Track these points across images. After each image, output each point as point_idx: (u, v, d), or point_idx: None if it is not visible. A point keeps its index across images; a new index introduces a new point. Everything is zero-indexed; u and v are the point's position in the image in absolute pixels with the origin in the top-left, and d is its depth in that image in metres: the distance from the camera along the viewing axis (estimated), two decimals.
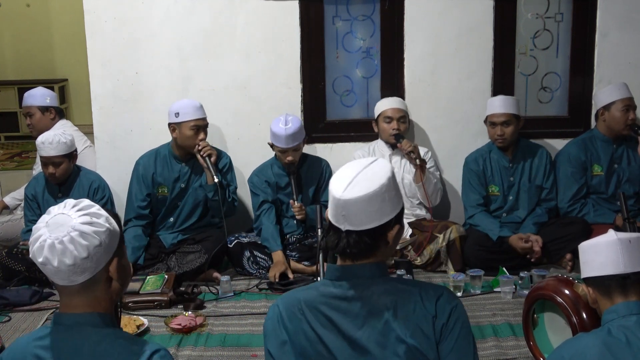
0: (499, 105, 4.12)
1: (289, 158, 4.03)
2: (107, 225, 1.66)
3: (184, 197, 4.14)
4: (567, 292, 2.52)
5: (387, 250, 1.82)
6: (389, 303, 1.75)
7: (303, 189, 4.17)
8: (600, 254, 2.00)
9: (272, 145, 4.11)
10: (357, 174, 1.76)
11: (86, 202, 1.69)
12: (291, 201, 4.04)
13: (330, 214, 1.80)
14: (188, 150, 4.08)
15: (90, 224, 1.63)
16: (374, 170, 1.78)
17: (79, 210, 1.65)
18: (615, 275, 1.96)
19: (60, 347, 1.63)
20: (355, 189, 1.74)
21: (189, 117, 4.02)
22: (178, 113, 4.03)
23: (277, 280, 3.82)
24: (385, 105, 4.24)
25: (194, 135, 4.02)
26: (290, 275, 3.90)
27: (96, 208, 1.69)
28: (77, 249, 1.60)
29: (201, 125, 4.04)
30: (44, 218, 1.65)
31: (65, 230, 1.60)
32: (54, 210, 1.66)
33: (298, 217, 4.03)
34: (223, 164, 4.16)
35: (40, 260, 1.61)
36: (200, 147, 3.99)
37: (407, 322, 1.73)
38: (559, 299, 2.53)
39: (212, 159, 3.99)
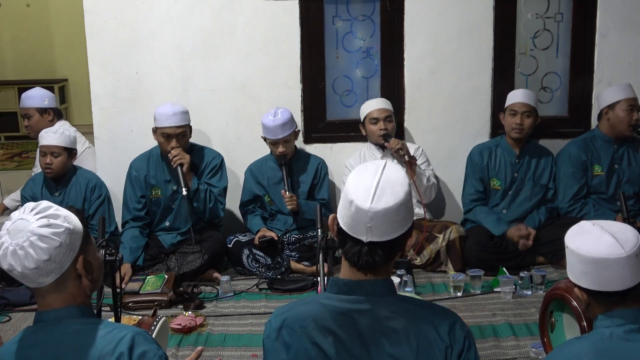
0: (522, 95, 4.16)
1: (280, 149, 4.06)
2: (66, 224, 1.67)
3: (176, 199, 4.12)
4: None
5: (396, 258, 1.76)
6: (399, 324, 1.67)
7: (296, 183, 4.19)
8: (607, 270, 1.84)
9: (265, 139, 4.15)
10: (378, 182, 1.65)
11: (45, 204, 1.70)
12: (282, 191, 4.05)
13: (347, 224, 1.68)
14: None
15: (48, 226, 1.64)
16: (393, 176, 1.68)
17: (37, 213, 1.67)
18: (620, 290, 1.85)
19: (44, 343, 1.67)
20: (383, 199, 1.63)
21: (160, 124, 3.98)
22: (155, 118, 4.02)
23: (258, 242, 3.99)
24: (370, 107, 4.24)
25: (165, 142, 3.99)
26: (273, 235, 4.02)
27: (54, 209, 1.69)
28: (37, 252, 1.62)
29: (171, 134, 3.96)
30: (6, 224, 1.68)
31: (24, 236, 1.63)
32: (15, 215, 1.69)
33: (289, 207, 4.04)
34: (212, 165, 4.13)
35: (5, 267, 1.65)
36: (170, 157, 3.95)
37: (418, 346, 1.65)
38: (573, 303, 2.51)
39: (184, 168, 3.93)
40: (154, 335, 2.22)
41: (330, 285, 1.75)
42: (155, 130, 4.03)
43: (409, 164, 4.02)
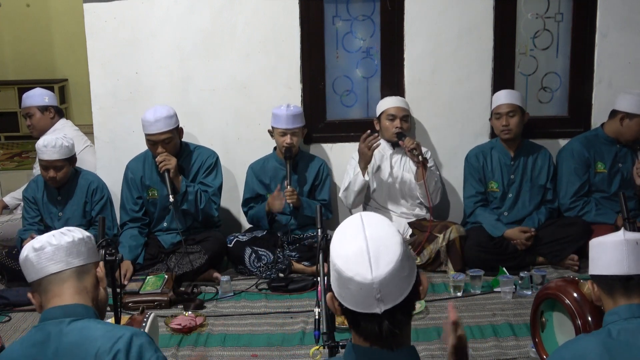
0: (504, 97, 4.16)
1: (287, 141, 4.07)
2: (89, 234, 1.92)
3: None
4: (574, 293, 2.51)
5: None
6: None
7: (298, 183, 4.20)
8: (606, 252, 1.99)
9: (271, 133, 4.18)
10: (367, 245, 1.46)
11: None
12: (286, 182, 4.05)
13: (353, 303, 1.47)
14: None
15: (74, 228, 1.92)
16: (378, 231, 1.49)
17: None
18: (619, 275, 1.95)
19: (49, 341, 1.73)
20: (382, 263, 1.43)
21: (144, 131, 3.99)
22: (142, 124, 4.01)
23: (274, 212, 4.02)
24: (389, 103, 4.25)
25: (152, 148, 4.01)
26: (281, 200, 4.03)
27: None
28: (74, 234, 1.86)
29: (156, 141, 3.95)
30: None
31: (56, 230, 1.87)
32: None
33: (289, 200, 4.03)
34: (208, 165, 4.13)
35: (38, 245, 1.80)
36: (157, 163, 3.95)
37: None
38: (566, 301, 2.52)
39: (171, 173, 3.92)
40: (146, 330, 2.28)
41: (352, 354, 1.54)
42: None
43: (422, 164, 4.03)
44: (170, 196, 3.89)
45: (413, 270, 1.50)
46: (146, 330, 2.30)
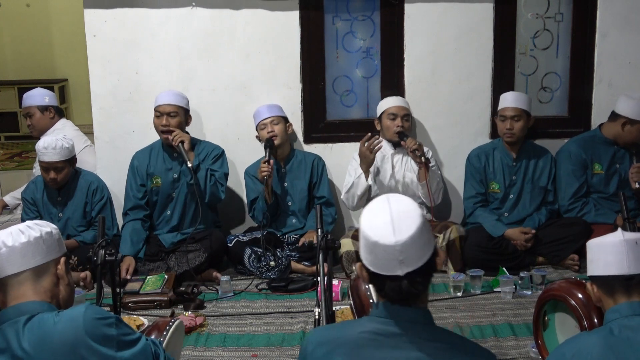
0: (511, 99, 4.15)
1: (269, 129, 4.13)
2: (49, 229, 1.89)
3: (177, 187, 4.14)
4: (579, 295, 2.50)
5: None
6: (441, 357, 1.67)
7: (295, 182, 4.23)
8: (606, 253, 2.00)
9: (259, 138, 4.22)
10: (390, 215, 1.67)
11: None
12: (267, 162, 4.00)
13: (379, 266, 1.67)
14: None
15: (34, 223, 1.89)
16: (402, 205, 1.70)
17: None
18: (619, 275, 1.96)
19: (9, 343, 1.74)
20: (403, 229, 1.64)
21: (155, 104, 4.10)
22: (155, 101, 4.13)
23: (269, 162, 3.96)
24: (390, 103, 4.26)
25: (157, 121, 4.08)
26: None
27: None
28: (31, 232, 1.83)
29: (163, 112, 4.06)
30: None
31: (14, 226, 1.86)
32: None
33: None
34: (214, 155, 4.17)
35: None
36: (171, 138, 4.02)
37: None
38: (572, 302, 2.52)
39: (185, 145, 4.01)
40: (168, 335, 2.21)
41: (376, 309, 1.74)
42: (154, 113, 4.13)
43: (424, 165, 4.03)
44: (188, 162, 3.96)
45: (431, 241, 1.69)
46: (167, 335, 2.20)
